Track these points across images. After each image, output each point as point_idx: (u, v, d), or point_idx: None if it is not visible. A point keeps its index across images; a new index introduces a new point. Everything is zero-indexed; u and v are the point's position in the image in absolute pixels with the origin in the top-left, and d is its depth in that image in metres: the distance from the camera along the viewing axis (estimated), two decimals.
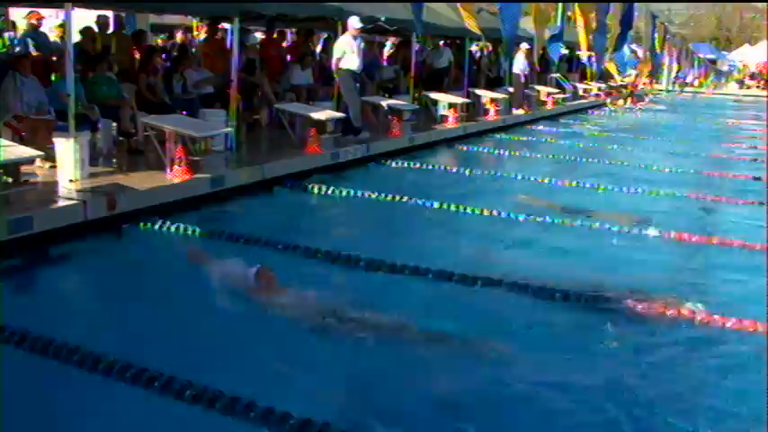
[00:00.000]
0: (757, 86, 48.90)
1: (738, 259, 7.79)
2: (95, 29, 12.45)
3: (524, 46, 19.17)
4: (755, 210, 10.19)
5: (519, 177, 11.79)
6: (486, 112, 18.26)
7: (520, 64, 19.77)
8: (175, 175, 8.57)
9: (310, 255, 7.02)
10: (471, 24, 12.35)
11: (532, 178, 11.74)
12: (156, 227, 7.61)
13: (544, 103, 22.67)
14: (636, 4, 21.02)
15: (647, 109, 29.54)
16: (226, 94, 11.05)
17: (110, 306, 5.87)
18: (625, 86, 31.72)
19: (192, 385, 4.26)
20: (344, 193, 9.69)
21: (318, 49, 17.05)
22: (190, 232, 7.50)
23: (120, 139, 10.24)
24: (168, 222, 7.64)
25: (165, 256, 7.23)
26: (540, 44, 15.89)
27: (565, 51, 25.68)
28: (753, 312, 5.89)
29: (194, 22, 18.49)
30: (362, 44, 12.76)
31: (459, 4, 12.08)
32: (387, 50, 20.82)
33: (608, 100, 28.97)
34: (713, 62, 49.94)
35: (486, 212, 9.08)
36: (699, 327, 5.75)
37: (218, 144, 10.29)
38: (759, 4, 68.05)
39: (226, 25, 14.13)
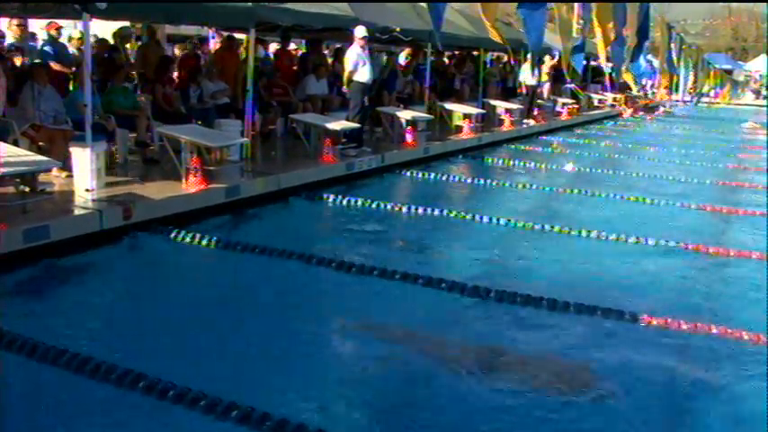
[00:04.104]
0: None
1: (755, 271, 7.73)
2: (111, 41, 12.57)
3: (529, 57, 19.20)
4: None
5: (534, 187, 11.78)
6: (501, 122, 18.24)
7: (527, 75, 19.80)
8: (191, 184, 8.60)
9: (325, 264, 7.01)
10: (495, 35, 12.33)
11: (546, 188, 11.72)
12: (172, 236, 7.62)
13: (559, 113, 22.65)
14: (651, 15, 20.98)
15: (662, 120, 29.44)
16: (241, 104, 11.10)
17: (125, 315, 5.89)
18: (640, 97, 31.64)
19: (205, 396, 4.26)
20: (359, 204, 9.69)
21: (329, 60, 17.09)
22: (205, 242, 7.51)
23: (136, 148, 10.29)
24: (183, 232, 7.66)
25: (180, 265, 7.26)
26: (566, 54, 15.86)
27: (593, 63, 25.66)
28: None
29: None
30: (384, 56, 12.68)
31: (482, 14, 12.06)
32: (402, 61, 20.85)
33: (627, 110, 28.95)
34: (729, 72, 49.67)
35: (501, 222, 9.06)
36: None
37: (233, 154, 10.33)
38: None
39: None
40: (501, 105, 18.91)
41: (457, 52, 21.52)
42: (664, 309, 6.20)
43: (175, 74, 12.70)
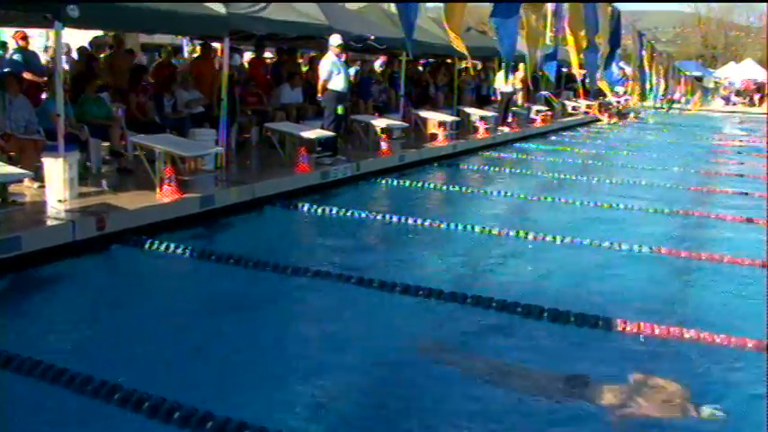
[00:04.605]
0: (742, 103, 49.32)
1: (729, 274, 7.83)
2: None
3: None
4: (744, 225, 10.27)
5: (507, 194, 11.83)
6: (475, 130, 18.33)
7: (501, 82, 19.94)
8: (165, 194, 8.55)
9: (300, 273, 6.99)
10: (458, 44, 12.41)
11: (520, 195, 11.79)
12: (146, 246, 7.57)
13: (533, 120, 22.81)
14: (623, 23, 21.22)
15: (635, 126, 29.74)
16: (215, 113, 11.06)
17: (99, 326, 5.83)
18: (613, 104, 31.99)
19: (181, 407, 4.23)
20: (335, 212, 9.68)
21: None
22: (180, 252, 7.47)
23: (110, 158, 10.21)
24: (158, 242, 7.60)
25: (154, 275, 7.21)
26: (532, 63, 16.00)
27: (565, 70, 25.90)
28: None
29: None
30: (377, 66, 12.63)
31: (446, 25, 12.12)
32: (377, 68, 20.91)
33: (604, 117, 29.28)
34: (699, 79, 50.30)
35: (477, 229, 9.10)
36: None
37: (208, 163, 10.28)
38: (743, 23, 69.02)
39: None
40: (476, 113, 19.01)
41: (431, 60, 21.61)
42: (637, 314, 6.24)
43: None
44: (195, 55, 15.42)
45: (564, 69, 25.55)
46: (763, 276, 7.60)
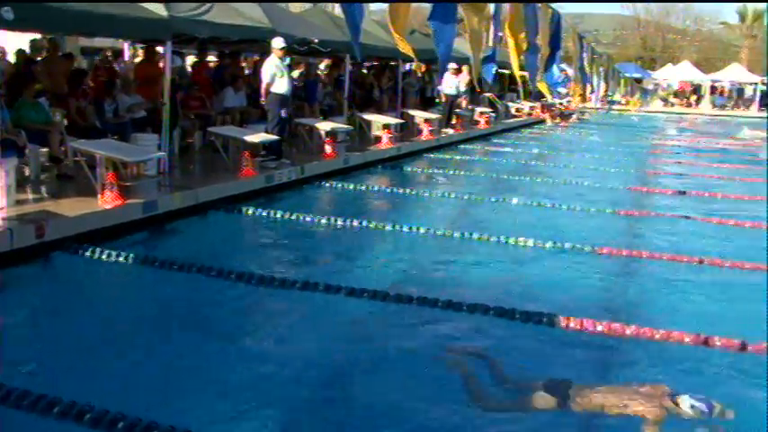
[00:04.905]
0: (680, 104, 50.51)
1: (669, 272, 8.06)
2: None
3: (452, 66, 19.50)
4: (682, 223, 10.56)
5: (451, 195, 11.96)
6: (419, 132, 18.45)
7: (446, 85, 20.11)
8: (106, 200, 8.43)
9: (245, 279, 6.97)
10: (403, 46, 12.47)
11: (464, 196, 11.93)
12: (87, 254, 7.45)
13: (477, 122, 23.04)
14: (563, 25, 21.54)
15: (577, 127, 30.27)
16: (158, 117, 10.93)
17: (39, 336, 5.73)
18: (555, 105, 32.53)
19: (124, 417, 4.19)
20: (279, 216, 9.65)
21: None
22: (122, 259, 7.38)
23: (49, 164, 10.02)
24: (99, 249, 7.50)
25: (96, 284, 7.11)
26: (476, 65, 16.15)
27: (506, 72, 26.24)
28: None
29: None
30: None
31: (390, 25, 12.16)
32: (321, 72, 20.89)
33: (548, 118, 29.75)
34: (639, 81, 51.37)
35: (422, 230, 9.17)
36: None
37: (150, 168, 10.16)
38: (679, 26, 70.79)
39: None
40: (420, 115, 19.13)
41: (375, 63, 21.67)
42: (580, 310, 6.38)
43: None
44: (138, 59, 15.20)
45: (505, 71, 25.89)
46: (701, 272, 7.85)
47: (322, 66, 22.09)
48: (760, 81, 48.78)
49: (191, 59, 16.84)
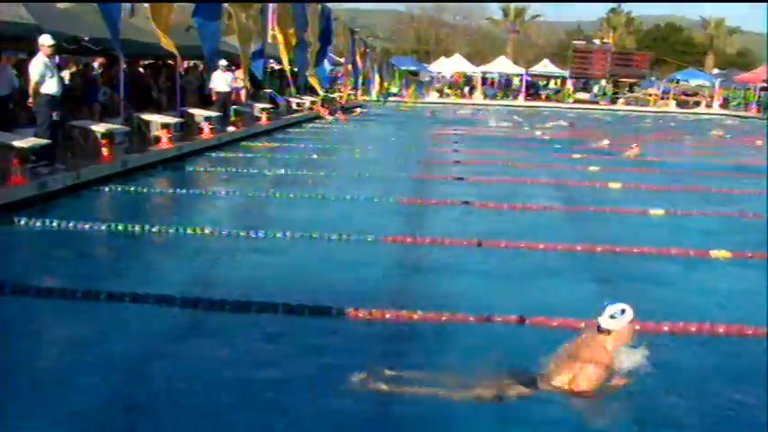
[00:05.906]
0: (455, 95, 53.38)
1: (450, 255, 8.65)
2: None
3: (222, 63, 19.52)
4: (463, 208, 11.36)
5: (235, 193, 12.10)
6: (200, 130, 18.29)
7: (217, 82, 20.10)
8: None
9: (21, 292, 6.70)
10: (166, 43, 12.32)
11: (248, 193, 12.11)
12: None
13: (258, 118, 23.15)
14: (333, 21, 22.14)
15: (358, 120, 31.19)
16: None
17: None
18: (335, 99, 33.32)
19: None
20: (56, 225, 9.25)
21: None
22: None
23: None
24: None
25: None
26: (246, 61, 16.26)
27: (278, 67, 26.47)
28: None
29: None
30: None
31: (152, 24, 11.98)
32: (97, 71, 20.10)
33: (324, 112, 30.34)
34: (415, 74, 53.60)
35: (207, 231, 9.22)
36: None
37: None
38: (451, 21, 74.78)
39: None
40: (200, 113, 18.96)
41: (152, 61, 21.16)
42: (370, 300, 6.65)
43: None
44: None
45: (279, 67, 26.20)
46: (478, 253, 8.52)
47: (96, 64, 21.28)
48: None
49: None
